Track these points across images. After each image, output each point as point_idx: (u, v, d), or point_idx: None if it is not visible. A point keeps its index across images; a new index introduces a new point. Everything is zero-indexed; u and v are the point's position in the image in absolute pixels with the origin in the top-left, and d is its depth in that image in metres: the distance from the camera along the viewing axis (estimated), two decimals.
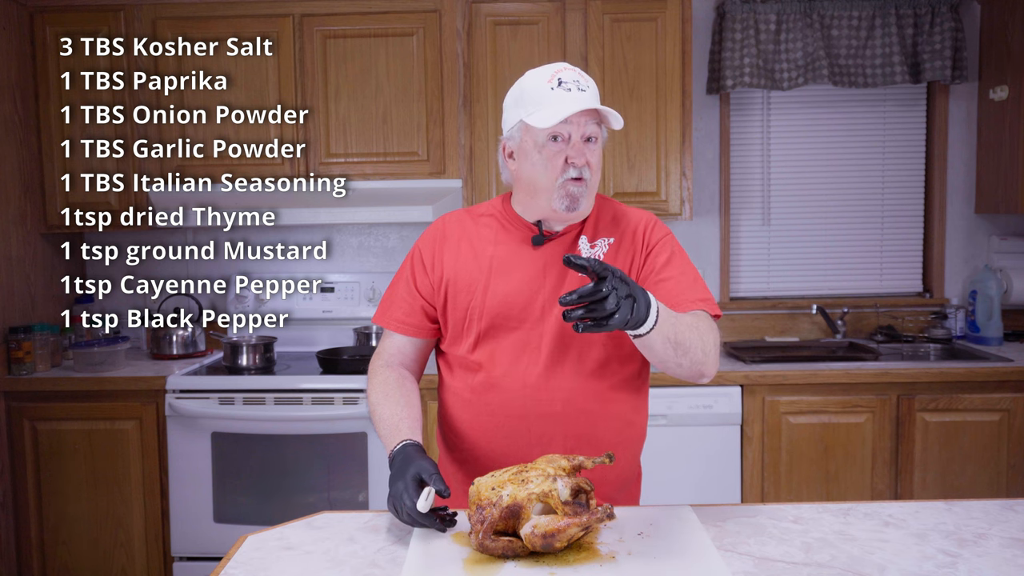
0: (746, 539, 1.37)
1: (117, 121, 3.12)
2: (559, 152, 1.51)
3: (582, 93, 1.50)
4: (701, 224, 3.48)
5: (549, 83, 1.51)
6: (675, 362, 1.43)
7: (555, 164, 1.52)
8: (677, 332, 1.39)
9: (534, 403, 1.56)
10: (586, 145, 1.52)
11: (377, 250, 3.54)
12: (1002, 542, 1.35)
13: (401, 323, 1.66)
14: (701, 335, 1.45)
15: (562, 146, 1.51)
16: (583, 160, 1.51)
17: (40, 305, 3.18)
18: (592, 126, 1.52)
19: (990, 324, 3.24)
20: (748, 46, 3.25)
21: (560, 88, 1.50)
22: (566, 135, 1.51)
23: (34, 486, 2.94)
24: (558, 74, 1.52)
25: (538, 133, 1.52)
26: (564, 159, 1.51)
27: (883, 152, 3.50)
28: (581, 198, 1.53)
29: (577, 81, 1.51)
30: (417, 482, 1.37)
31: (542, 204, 1.56)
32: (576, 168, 1.51)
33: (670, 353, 1.41)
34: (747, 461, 2.88)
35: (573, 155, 1.51)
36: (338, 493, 2.86)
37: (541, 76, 1.53)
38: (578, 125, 1.50)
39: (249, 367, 3.09)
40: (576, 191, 1.52)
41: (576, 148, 1.51)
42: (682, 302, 1.53)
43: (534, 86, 1.53)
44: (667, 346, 1.39)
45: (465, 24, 3.08)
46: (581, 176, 1.51)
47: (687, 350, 1.42)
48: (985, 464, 2.85)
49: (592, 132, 1.52)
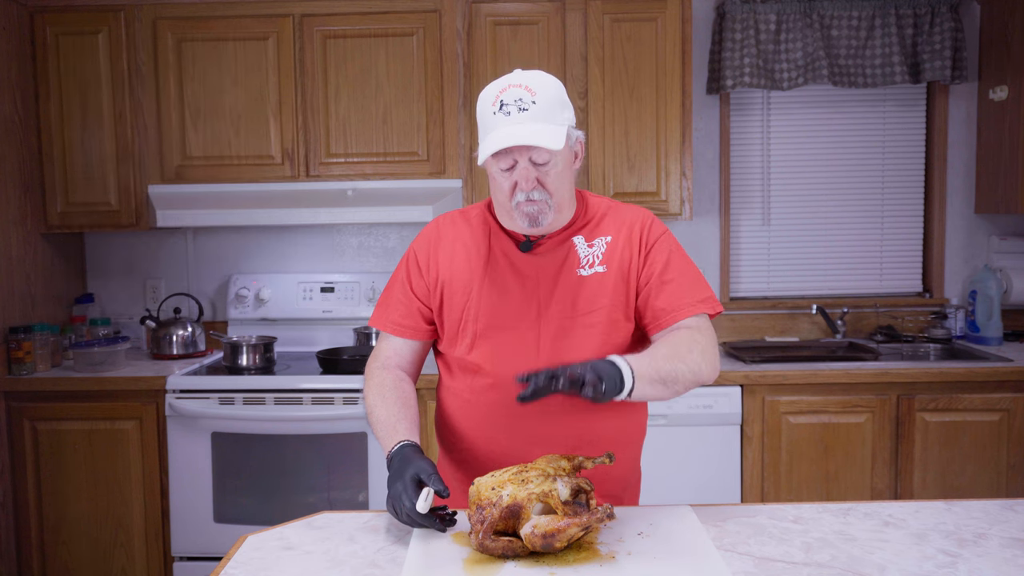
0: (746, 539, 1.37)
1: (117, 121, 3.13)
2: (508, 178, 1.50)
3: (523, 114, 1.45)
4: (701, 224, 3.48)
5: (492, 107, 1.48)
6: (671, 392, 1.45)
7: (505, 190, 1.52)
8: (660, 372, 1.41)
9: (534, 403, 1.56)
10: (538, 168, 1.49)
11: (377, 250, 3.54)
12: (1002, 542, 1.35)
13: (397, 325, 1.66)
14: (686, 360, 1.45)
15: (511, 172, 1.50)
16: (530, 185, 1.49)
17: (40, 305, 3.18)
18: (540, 153, 1.47)
19: (990, 324, 3.24)
20: (748, 46, 3.25)
21: (500, 112, 1.47)
22: (512, 163, 1.49)
23: (34, 486, 2.94)
24: (501, 95, 1.48)
25: (489, 162, 1.51)
26: (514, 183, 1.50)
27: (883, 152, 3.50)
28: (540, 216, 1.52)
29: (519, 100, 1.46)
30: (416, 483, 1.37)
31: (509, 221, 1.58)
32: (524, 192, 1.50)
33: (661, 391, 1.43)
34: (747, 461, 2.88)
35: (520, 181, 1.50)
36: (338, 493, 2.86)
37: (488, 98, 1.50)
38: (521, 152, 1.47)
39: (249, 367, 3.09)
40: (532, 211, 1.51)
41: (522, 173, 1.49)
42: (683, 306, 1.54)
43: (482, 110, 1.51)
44: (657, 388, 1.41)
45: (465, 24, 3.08)
46: (532, 199, 1.50)
47: (676, 379, 1.43)
48: (985, 464, 2.85)
49: (540, 158, 1.48)
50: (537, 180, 1.49)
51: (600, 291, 1.57)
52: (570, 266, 1.59)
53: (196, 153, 3.14)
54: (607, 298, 1.56)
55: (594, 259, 1.59)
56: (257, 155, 3.13)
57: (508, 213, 1.55)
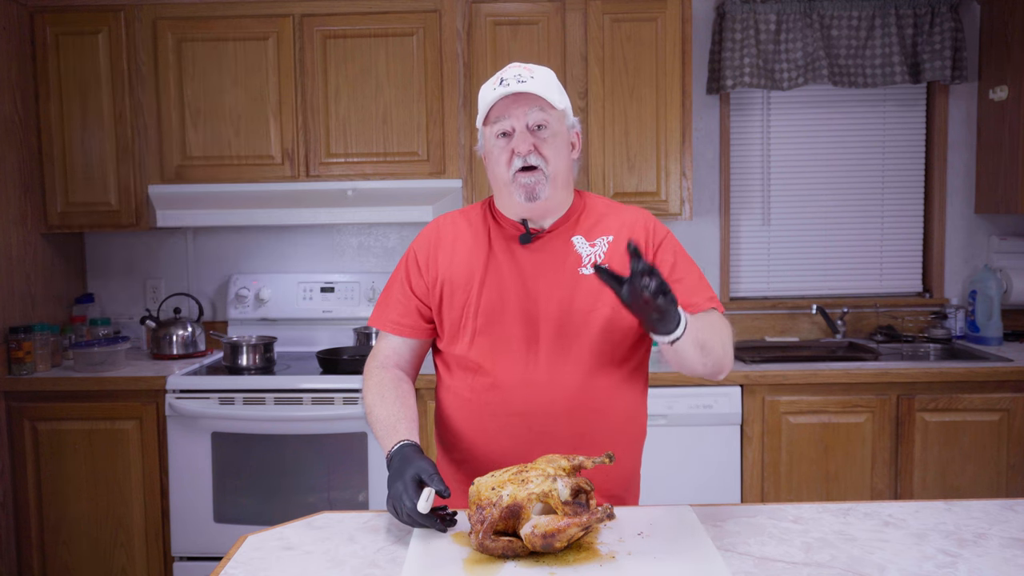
0: (746, 539, 1.37)
1: (117, 121, 3.13)
2: (506, 146, 1.55)
3: (521, 84, 1.52)
4: (701, 224, 3.48)
5: (492, 84, 1.55)
6: (700, 363, 1.46)
7: (504, 158, 1.55)
8: (702, 335, 1.44)
9: (535, 401, 1.56)
10: (534, 133, 1.54)
11: (377, 250, 3.54)
12: (1002, 542, 1.35)
13: (396, 324, 1.66)
14: (720, 335, 1.50)
15: (509, 140, 1.54)
16: (526, 148, 1.53)
17: (40, 305, 3.18)
18: (536, 113, 1.53)
19: (990, 324, 3.24)
20: (748, 46, 3.25)
21: (501, 86, 1.53)
22: (510, 129, 1.54)
23: (34, 486, 2.94)
24: (502, 73, 1.56)
25: (489, 134, 1.57)
26: (512, 151, 1.54)
27: (883, 152, 3.50)
28: (537, 187, 1.54)
29: (519, 75, 1.53)
30: (416, 483, 1.37)
31: (508, 201, 1.60)
32: (521, 157, 1.53)
33: (697, 356, 1.44)
34: (747, 461, 2.88)
35: (516, 144, 1.53)
36: (338, 493, 2.86)
37: (490, 81, 1.57)
38: (518, 117, 1.53)
39: (249, 367, 3.09)
40: (528, 181, 1.54)
41: (519, 137, 1.53)
42: (697, 303, 1.56)
43: (483, 92, 1.58)
44: (695, 350, 1.43)
45: (465, 24, 3.08)
46: (530, 164, 1.53)
47: (711, 350, 1.46)
48: (985, 464, 2.85)
49: (537, 119, 1.53)
50: (534, 146, 1.53)
51: (602, 290, 1.57)
52: (571, 265, 1.59)
53: (196, 153, 3.14)
54: (609, 297, 1.57)
55: (596, 258, 1.59)
56: (257, 155, 3.13)
57: (506, 189, 1.57)
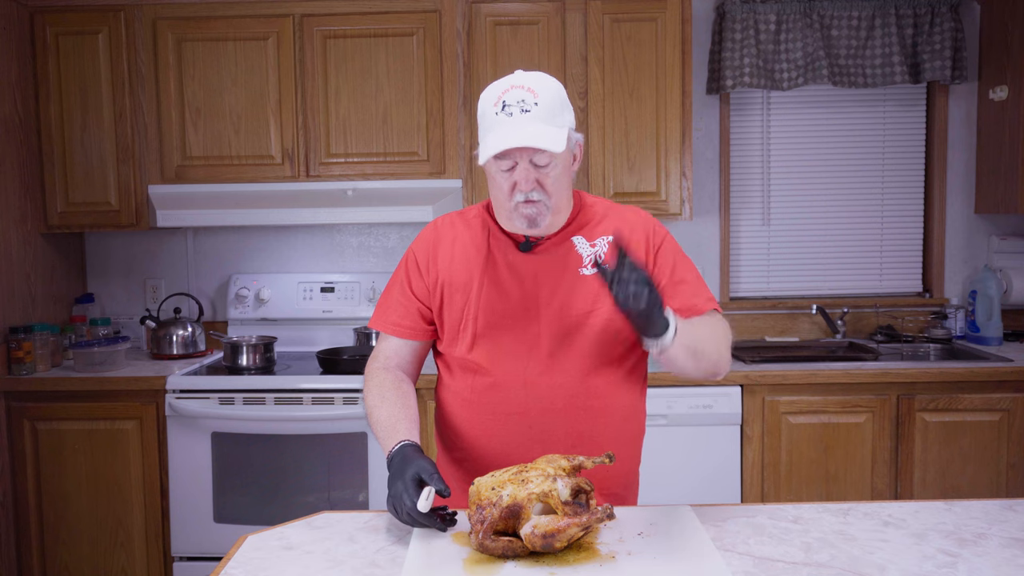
0: (746, 539, 1.37)
1: (117, 121, 3.13)
2: (509, 177, 1.51)
3: (525, 115, 1.46)
4: (701, 224, 3.48)
5: (494, 107, 1.49)
6: (693, 367, 1.48)
7: (505, 188, 1.52)
8: (695, 340, 1.44)
9: (535, 402, 1.56)
10: (537, 169, 1.50)
11: (377, 250, 3.54)
12: (1002, 542, 1.35)
13: (396, 326, 1.66)
14: (717, 338, 1.50)
15: (511, 173, 1.50)
16: (530, 185, 1.50)
17: (40, 305, 3.18)
18: (541, 154, 1.48)
19: (990, 324, 3.24)
20: (748, 46, 3.25)
21: (502, 113, 1.47)
22: (512, 164, 1.49)
23: (34, 486, 2.94)
24: (503, 96, 1.48)
25: (489, 163, 1.52)
26: (514, 184, 1.51)
27: (883, 152, 3.50)
28: (538, 218, 1.53)
29: (522, 101, 1.47)
30: (417, 482, 1.37)
31: (508, 223, 1.58)
32: (523, 193, 1.50)
33: (689, 362, 1.45)
34: (747, 461, 2.88)
35: (519, 182, 1.50)
36: (338, 493, 2.86)
37: (489, 98, 1.51)
38: (521, 153, 1.48)
39: (249, 367, 3.09)
40: (530, 212, 1.52)
41: (522, 174, 1.49)
42: (699, 304, 1.57)
43: (483, 110, 1.52)
44: (687, 356, 1.43)
45: (465, 24, 3.08)
46: (531, 199, 1.51)
47: (704, 356, 1.47)
48: (985, 464, 2.85)
49: (539, 160, 1.48)
50: (537, 181, 1.50)
51: (601, 290, 1.57)
52: (571, 266, 1.59)
53: (196, 153, 3.14)
54: (608, 297, 1.56)
55: (597, 258, 1.59)
56: (257, 155, 3.13)
57: (507, 214, 1.56)
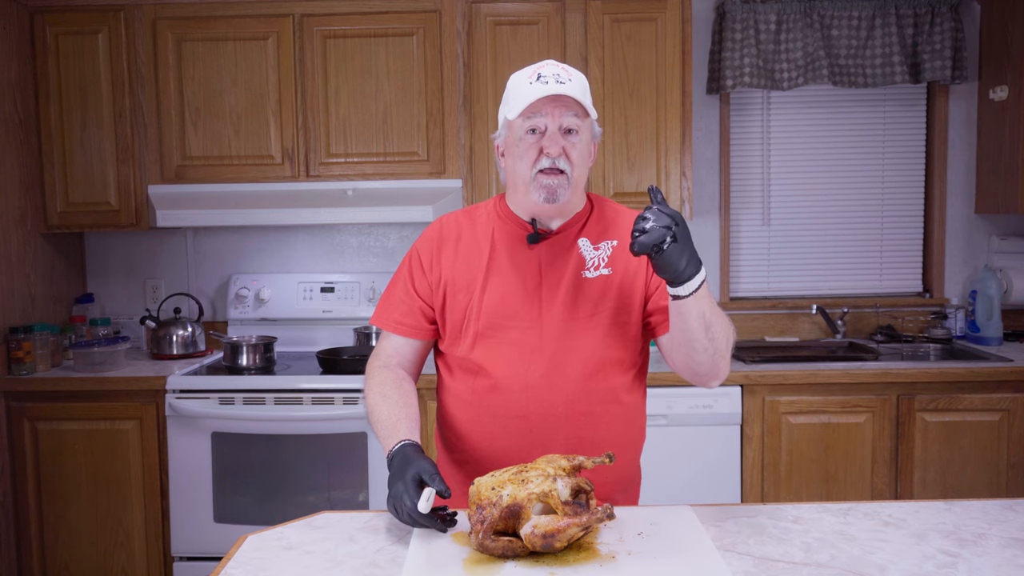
0: (746, 539, 1.37)
1: (117, 121, 3.13)
2: (535, 143, 1.53)
3: (560, 85, 1.50)
4: (701, 224, 3.48)
5: (529, 79, 1.53)
6: (702, 345, 1.44)
7: (530, 154, 1.53)
8: (712, 315, 1.42)
9: (536, 404, 1.56)
10: (565, 137, 1.53)
11: (377, 250, 3.54)
12: (1002, 542, 1.35)
13: (399, 324, 1.66)
14: (725, 331, 1.48)
15: (539, 138, 1.53)
16: (557, 150, 1.51)
17: (40, 305, 3.18)
18: (570, 118, 1.52)
19: (990, 324, 3.24)
20: (748, 46, 3.25)
21: (538, 82, 1.51)
22: (542, 127, 1.52)
23: (34, 486, 2.94)
24: (539, 69, 1.54)
25: (517, 127, 1.54)
26: (539, 149, 1.53)
27: (883, 152, 3.50)
28: (558, 189, 1.53)
29: (557, 74, 1.52)
30: (417, 483, 1.37)
31: (523, 198, 1.58)
32: (549, 158, 1.51)
33: (701, 332, 1.42)
34: (747, 461, 2.88)
35: (547, 144, 1.52)
36: (338, 493, 2.86)
37: (524, 73, 1.56)
38: (554, 117, 1.51)
39: (249, 367, 3.09)
40: (551, 183, 1.53)
41: (551, 138, 1.52)
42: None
43: (516, 83, 1.56)
44: (700, 324, 1.41)
45: (465, 24, 3.08)
46: (556, 167, 1.52)
47: (715, 336, 1.44)
48: (985, 464, 2.85)
49: (571, 124, 1.52)
50: (563, 150, 1.52)
51: (604, 294, 1.57)
52: (574, 268, 1.59)
53: (196, 153, 3.14)
54: (611, 301, 1.57)
55: (599, 262, 1.59)
56: (257, 155, 3.13)
57: (525, 186, 1.56)
